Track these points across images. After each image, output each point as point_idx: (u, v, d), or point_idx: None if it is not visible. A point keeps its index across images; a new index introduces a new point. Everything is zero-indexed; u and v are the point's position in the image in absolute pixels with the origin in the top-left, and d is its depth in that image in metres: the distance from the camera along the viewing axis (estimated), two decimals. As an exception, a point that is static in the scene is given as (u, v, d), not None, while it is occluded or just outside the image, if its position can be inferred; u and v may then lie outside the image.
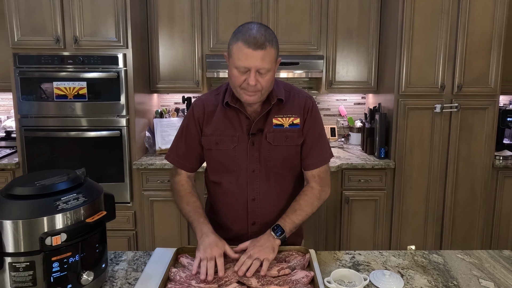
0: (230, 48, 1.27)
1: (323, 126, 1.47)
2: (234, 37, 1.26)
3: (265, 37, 1.23)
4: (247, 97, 1.29)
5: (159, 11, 2.94)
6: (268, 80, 1.28)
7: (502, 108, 2.95)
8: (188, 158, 1.45)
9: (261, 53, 1.22)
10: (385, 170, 2.80)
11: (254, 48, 1.21)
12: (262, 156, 1.38)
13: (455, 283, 1.18)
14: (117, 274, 1.24)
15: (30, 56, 2.62)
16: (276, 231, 1.29)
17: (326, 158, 1.43)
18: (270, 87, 1.32)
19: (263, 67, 1.24)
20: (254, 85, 1.25)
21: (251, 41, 1.21)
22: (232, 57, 1.27)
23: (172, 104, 3.39)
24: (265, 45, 1.22)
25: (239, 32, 1.26)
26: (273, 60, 1.26)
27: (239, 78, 1.26)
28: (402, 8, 2.65)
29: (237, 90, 1.30)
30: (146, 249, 2.83)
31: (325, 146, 1.44)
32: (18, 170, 2.76)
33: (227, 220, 1.46)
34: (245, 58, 1.22)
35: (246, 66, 1.23)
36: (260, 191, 1.40)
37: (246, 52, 1.22)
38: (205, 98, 1.45)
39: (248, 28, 1.25)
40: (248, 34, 1.23)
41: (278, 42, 1.29)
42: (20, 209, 0.98)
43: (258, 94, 1.29)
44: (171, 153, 1.47)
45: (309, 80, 3.38)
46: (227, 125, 1.39)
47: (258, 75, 1.25)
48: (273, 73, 1.30)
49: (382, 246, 2.89)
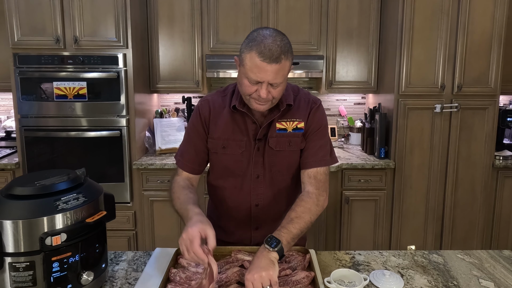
0: (243, 56, 1.18)
1: (327, 128, 1.40)
2: (248, 45, 1.17)
3: (281, 48, 1.15)
4: (257, 105, 1.24)
5: (159, 11, 2.94)
6: (280, 91, 1.23)
7: (502, 108, 2.95)
8: (197, 161, 1.40)
9: (275, 67, 1.15)
10: (385, 170, 2.80)
11: (269, 62, 1.14)
12: (266, 161, 1.35)
13: (455, 283, 1.18)
14: (117, 274, 1.24)
15: (30, 56, 2.62)
16: (271, 243, 1.11)
17: (325, 160, 1.34)
18: (281, 95, 1.26)
19: (276, 81, 1.18)
20: (265, 97, 1.20)
21: (266, 54, 1.13)
22: (244, 66, 1.18)
23: (172, 104, 3.39)
24: (280, 59, 1.14)
25: (253, 40, 1.16)
26: (286, 73, 1.20)
27: (250, 88, 1.20)
28: (402, 8, 2.65)
29: (246, 98, 1.25)
30: (146, 249, 2.83)
31: (325, 148, 1.36)
32: (18, 170, 2.76)
33: (230, 224, 1.44)
34: (258, 71, 1.15)
35: (258, 80, 1.17)
36: (264, 197, 1.38)
37: (260, 66, 1.14)
38: (211, 99, 1.39)
39: (264, 36, 1.16)
40: (263, 44, 1.14)
41: (293, 51, 1.22)
42: (20, 209, 0.98)
43: (269, 103, 1.24)
44: (181, 158, 1.41)
45: (309, 80, 3.38)
46: (235, 129, 1.34)
47: (270, 87, 1.19)
48: (285, 84, 1.24)
49: (382, 246, 2.89)
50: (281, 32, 1.21)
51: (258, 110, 1.27)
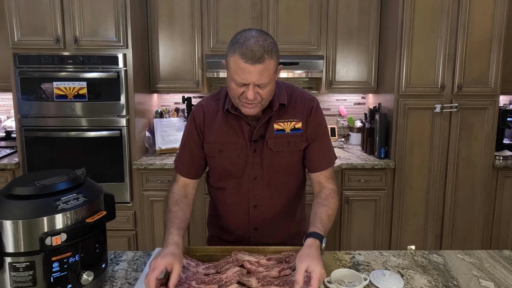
0: (227, 59, 1.20)
1: (327, 127, 1.43)
2: (231, 48, 1.18)
3: (263, 48, 1.15)
4: (246, 109, 1.24)
5: (159, 11, 2.94)
6: (268, 91, 1.23)
7: (502, 108, 2.95)
8: (193, 166, 1.41)
9: (259, 68, 1.15)
10: (385, 170, 2.80)
11: (251, 63, 1.14)
12: (264, 162, 1.35)
13: (455, 283, 1.18)
14: (117, 274, 1.24)
15: (30, 56, 2.62)
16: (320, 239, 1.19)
17: (332, 160, 1.40)
18: (270, 96, 1.27)
19: (262, 82, 1.18)
20: (252, 99, 1.20)
21: (248, 55, 1.14)
22: (229, 70, 1.20)
23: (172, 104, 3.39)
24: (263, 59, 1.14)
25: (236, 42, 1.17)
26: (272, 72, 1.19)
27: (237, 90, 1.21)
28: (402, 8, 2.65)
29: (236, 102, 1.25)
30: (146, 249, 2.83)
31: (331, 146, 1.41)
32: (18, 170, 2.76)
33: (230, 224, 1.45)
34: (242, 73, 1.16)
35: (244, 82, 1.17)
36: (261, 197, 1.38)
37: (243, 67, 1.15)
38: (205, 104, 1.40)
39: (246, 38, 1.16)
40: (245, 46, 1.14)
41: (278, 51, 1.22)
42: (20, 209, 0.98)
43: (258, 105, 1.24)
44: (178, 163, 1.42)
45: (309, 80, 3.38)
46: (230, 132, 1.35)
47: (257, 88, 1.19)
48: (273, 84, 1.24)
49: (382, 246, 2.89)
50: (265, 32, 1.22)
51: (248, 114, 1.27)
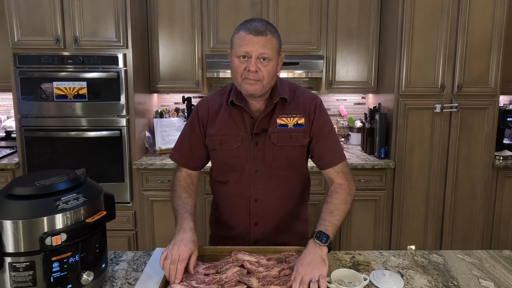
0: (232, 39, 1.30)
1: (333, 124, 1.45)
2: (236, 30, 1.30)
3: (266, 26, 1.26)
4: (248, 86, 1.27)
5: (159, 11, 2.94)
6: (270, 70, 1.27)
7: (502, 108, 2.95)
8: (192, 157, 1.44)
9: (262, 39, 1.24)
10: (385, 170, 2.80)
11: (255, 34, 1.24)
12: (266, 156, 1.37)
13: (455, 283, 1.18)
14: (117, 274, 1.24)
15: (30, 56, 2.62)
16: (321, 238, 1.17)
17: (343, 154, 1.40)
18: (272, 80, 1.30)
19: (264, 53, 1.24)
20: (254, 71, 1.24)
21: (252, 28, 1.24)
22: (233, 47, 1.28)
23: (172, 104, 3.39)
24: (266, 33, 1.24)
25: (240, 24, 1.29)
26: (274, 49, 1.27)
27: (240, 66, 1.26)
28: (402, 8, 2.65)
29: (238, 81, 1.29)
30: (146, 249, 2.83)
31: (339, 142, 1.43)
32: (18, 170, 2.76)
33: (230, 219, 1.46)
34: (246, 44, 1.24)
35: (247, 51, 1.24)
36: (263, 192, 1.39)
37: (247, 38, 1.24)
38: (210, 99, 1.44)
39: (250, 20, 1.29)
40: (249, 23, 1.27)
41: (280, 38, 1.31)
42: (20, 209, 0.98)
43: (260, 84, 1.27)
44: (175, 152, 1.47)
45: (309, 80, 3.38)
46: (231, 124, 1.38)
47: (259, 63, 1.25)
48: (275, 65, 1.29)
49: (382, 246, 2.89)
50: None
51: (250, 93, 1.28)
